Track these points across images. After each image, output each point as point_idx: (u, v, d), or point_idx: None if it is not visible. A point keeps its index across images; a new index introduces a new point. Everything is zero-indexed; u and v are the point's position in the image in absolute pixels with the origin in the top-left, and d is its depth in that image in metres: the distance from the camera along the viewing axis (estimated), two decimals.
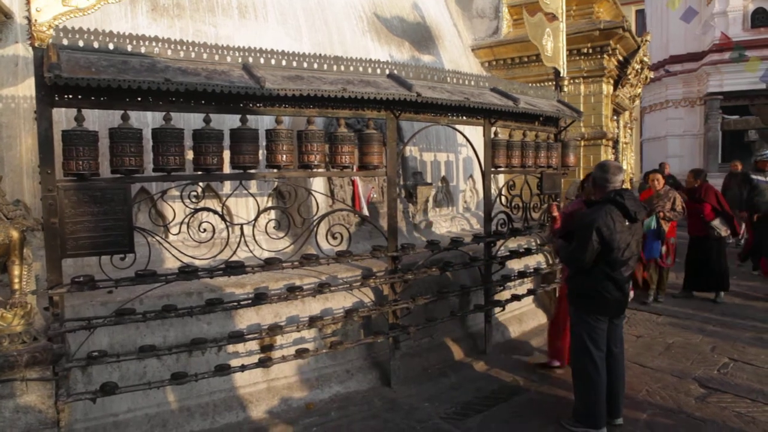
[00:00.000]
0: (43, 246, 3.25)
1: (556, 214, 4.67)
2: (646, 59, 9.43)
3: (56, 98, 3.13)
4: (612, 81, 8.26)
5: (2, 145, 4.20)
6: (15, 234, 3.12)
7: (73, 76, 2.93)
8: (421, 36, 7.43)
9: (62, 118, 3.94)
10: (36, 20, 2.97)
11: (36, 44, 3.00)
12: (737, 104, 17.20)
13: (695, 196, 7.20)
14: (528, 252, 5.66)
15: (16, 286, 3.18)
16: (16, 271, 3.17)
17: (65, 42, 3.20)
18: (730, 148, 17.46)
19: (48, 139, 3.10)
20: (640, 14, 22.26)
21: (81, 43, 3.26)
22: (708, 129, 17.60)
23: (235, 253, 3.80)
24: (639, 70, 9.29)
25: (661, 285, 7.15)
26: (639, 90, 10.32)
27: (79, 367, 3.37)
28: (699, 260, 7.21)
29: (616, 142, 9.25)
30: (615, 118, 9.20)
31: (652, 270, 7.07)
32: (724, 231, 7.09)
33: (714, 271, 7.10)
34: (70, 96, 3.17)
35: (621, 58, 8.26)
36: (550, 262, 6.26)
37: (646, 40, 9.04)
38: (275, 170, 3.89)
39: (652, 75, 11.27)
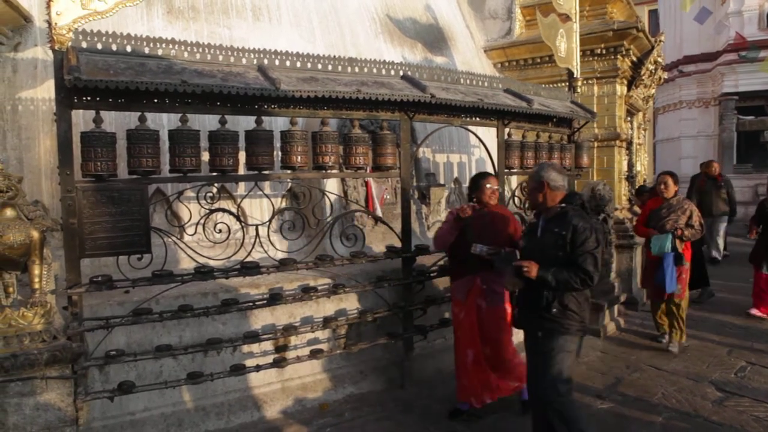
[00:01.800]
0: (62, 246, 3.30)
1: (469, 213, 3.84)
2: (660, 59, 9.34)
3: (75, 100, 3.17)
4: (626, 82, 8.19)
5: (21, 146, 4.26)
6: (35, 234, 3.16)
7: (92, 79, 2.97)
8: (433, 37, 7.43)
9: (80, 120, 3.98)
10: (56, 24, 3.01)
11: (56, 47, 3.05)
12: (753, 105, 16.98)
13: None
14: None
15: (36, 286, 3.22)
16: (36, 271, 3.21)
17: (84, 45, 3.25)
18: (745, 149, 17.24)
19: (67, 141, 3.14)
20: (653, 14, 22.07)
21: (99, 46, 3.30)
22: (723, 130, 17.39)
23: (249, 253, 3.83)
24: (653, 71, 9.20)
25: (681, 325, 5.47)
26: (653, 91, 10.21)
27: (97, 366, 3.41)
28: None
29: (629, 143, 9.16)
30: (629, 119, 9.11)
31: (664, 307, 5.51)
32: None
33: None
34: (89, 98, 3.21)
35: (635, 58, 8.19)
36: None
37: (660, 41, 8.95)
38: (290, 171, 3.91)
39: (665, 75, 11.15)
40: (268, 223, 3.99)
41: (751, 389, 4.40)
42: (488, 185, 3.93)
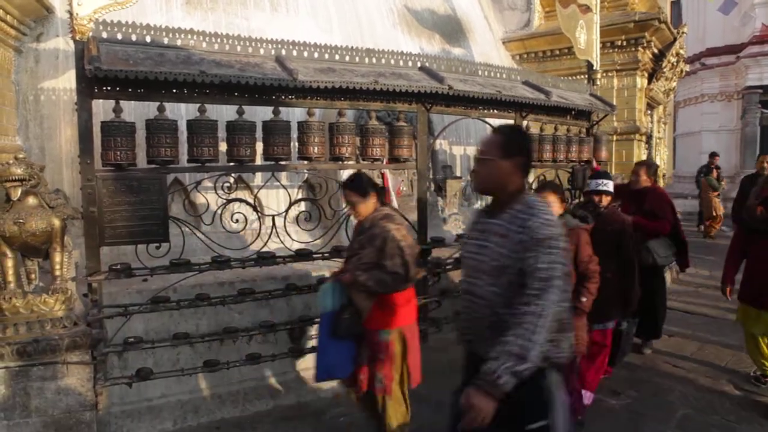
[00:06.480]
0: (82, 234, 3.34)
1: None
2: (682, 52, 9.17)
3: (96, 90, 3.20)
4: (646, 74, 8.06)
5: (43, 135, 4.32)
6: (57, 222, 3.21)
7: (112, 69, 2.99)
8: (451, 28, 7.38)
9: (100, 110, 4.02)
10: (77, 14, 3.04)
11: (77, 37, 3.08)
12: None
13: (643, 202, 4.79)
14: None
15: (57, 273, 3.28)
16: (57, 258, 3.27)
17: (104, 35, 3.27)
18: None
19: (88, 130, 3.18)
20: (676, 5, 21.63)
21: (119, 36, 3.32)
22: (745, 124, 17.04)
23: (266, 244, 3.85)
24: (674, 63, 9.03)
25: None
26: (674, 84, 10.03)
27: (116, 353, 3.46)
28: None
29: (649, 137, 9.03)
30: (649, 112, 8.98)
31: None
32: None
33: (645, 312, 4.59)
34: (109, 88, 3.24)
35: (656, 50, 8.05)
36: None
37: (682, 32, 8.79)
38: (306, 162, 3.92)
39: (687, 68, 10.93)
40: (284, 214, 4.00)
41: None
42: None
